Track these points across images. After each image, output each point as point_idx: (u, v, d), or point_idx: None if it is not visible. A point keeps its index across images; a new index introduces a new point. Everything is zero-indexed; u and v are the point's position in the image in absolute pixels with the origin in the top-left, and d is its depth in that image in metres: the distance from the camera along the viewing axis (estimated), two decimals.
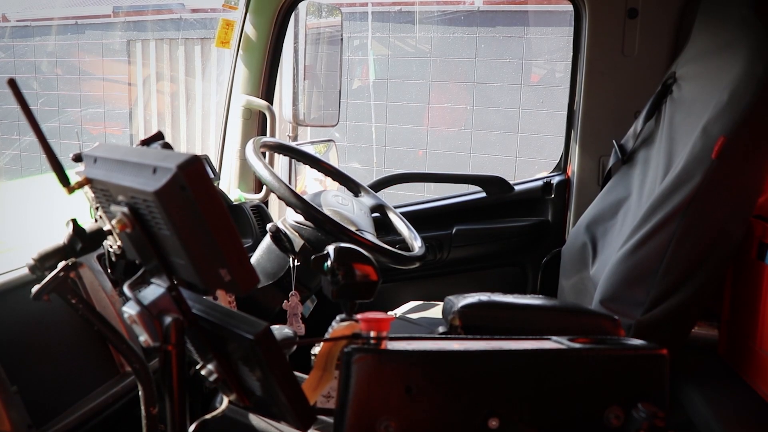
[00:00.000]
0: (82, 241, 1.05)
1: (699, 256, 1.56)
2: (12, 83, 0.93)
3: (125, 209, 0.88)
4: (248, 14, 2.40)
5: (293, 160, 2.33)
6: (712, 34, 1.75)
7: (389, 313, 1.65)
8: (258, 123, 2.49)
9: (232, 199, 2.35)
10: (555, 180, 2.52)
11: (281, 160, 2.36)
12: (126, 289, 0.92)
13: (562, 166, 2.57)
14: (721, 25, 1.70)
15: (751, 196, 1.54)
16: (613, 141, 2.08)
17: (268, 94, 2.49)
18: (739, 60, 1.51)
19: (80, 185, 0.99)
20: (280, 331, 1.17)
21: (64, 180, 0.98)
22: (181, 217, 0.81)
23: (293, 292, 1.78)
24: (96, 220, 1.07)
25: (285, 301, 1.80)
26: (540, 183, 2.55)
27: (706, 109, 1.56)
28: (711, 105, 1.55)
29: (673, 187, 1.58)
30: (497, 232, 2.56)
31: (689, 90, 1.80)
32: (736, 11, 1.61)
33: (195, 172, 0.79)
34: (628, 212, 1.89)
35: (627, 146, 2.03)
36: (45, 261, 1.06)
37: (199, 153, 1.28)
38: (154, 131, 1.24)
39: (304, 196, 1.69)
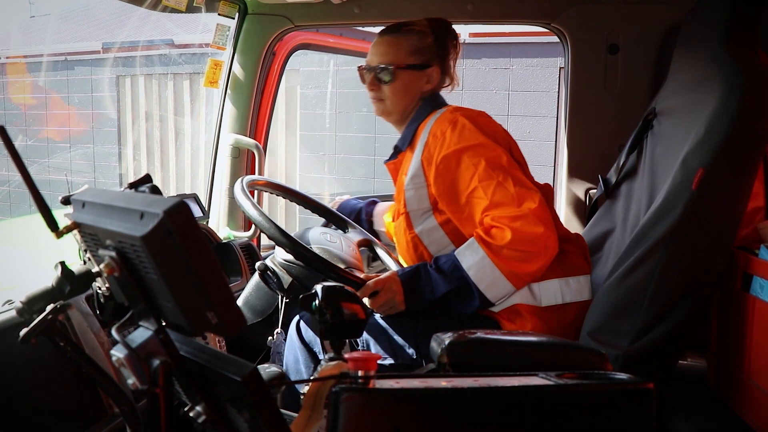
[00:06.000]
0: (71, 283, 1.05)
1: (683, 286, 1.57)
2: (2, 131, 0.94)
3: (113, 253, 0.89)
4: (236, 54, 2.43)
5: None
6: (689, 70, 1.79)
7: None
8: (246, 161, 2.51)
9: (222, 237, 2.36)
10: None
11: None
12: (114, 332, 0.92)
13: None
14: (696, 61, 1.74)
15: (732, 226, 1.57)
16: (599, 176, 2.11)
17: (256, 132, 2.51)
18: (714, 95, 1.55)
19: (69, 229, 0.99)
20: (267, 370, 1.17)
21: (52, 225, 0.98)
22: (168, 261, 0.82)
23: (278, 330, 1.77)
24: (84, 262, 1.08)
25: (270, 338, 1.79)
26: None
27: (685, 142, 1.59)
28: (689, 138, 1.58)
29: (655, 219, 1.60)
30: None
31: (668, 124, 1.83)
32: (709, 48, 1.65)
33: (181, 218, 0.80)
34: (613, 244, 1.91)
35: (611, 180, 2.05)
36: (33, 304, 1.06)
37: (188, 191, 1.29)
38: (143, 169, 1.25)
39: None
